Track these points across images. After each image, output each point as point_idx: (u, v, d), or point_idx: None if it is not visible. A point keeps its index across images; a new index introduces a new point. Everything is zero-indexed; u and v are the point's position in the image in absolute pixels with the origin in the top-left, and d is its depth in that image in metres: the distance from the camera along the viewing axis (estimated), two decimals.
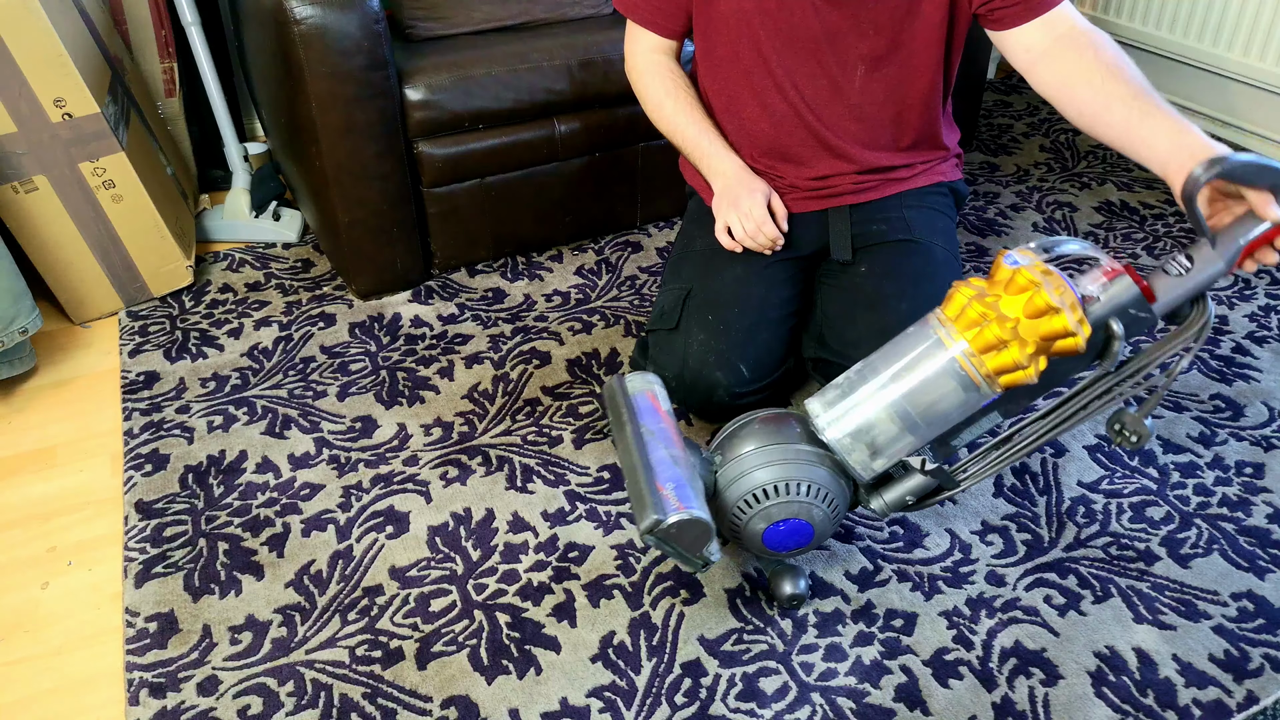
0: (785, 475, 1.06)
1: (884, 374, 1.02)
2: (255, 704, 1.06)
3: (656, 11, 1.35)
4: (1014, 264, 0.96)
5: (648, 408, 1.12)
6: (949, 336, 0.98)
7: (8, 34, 1.48)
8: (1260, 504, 1.29)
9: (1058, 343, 0.95)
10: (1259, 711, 1.04)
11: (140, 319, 1.72)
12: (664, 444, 1.06)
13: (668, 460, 1.04)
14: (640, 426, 1.08)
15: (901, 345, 1.03)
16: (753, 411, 1.14)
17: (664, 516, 0.97)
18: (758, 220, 1.30)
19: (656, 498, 0.98)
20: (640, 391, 1.14)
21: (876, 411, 1.02)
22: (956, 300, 0.99)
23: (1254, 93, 2.15)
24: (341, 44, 1.49)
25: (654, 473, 1.02)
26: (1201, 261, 0.97)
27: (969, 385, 0.98)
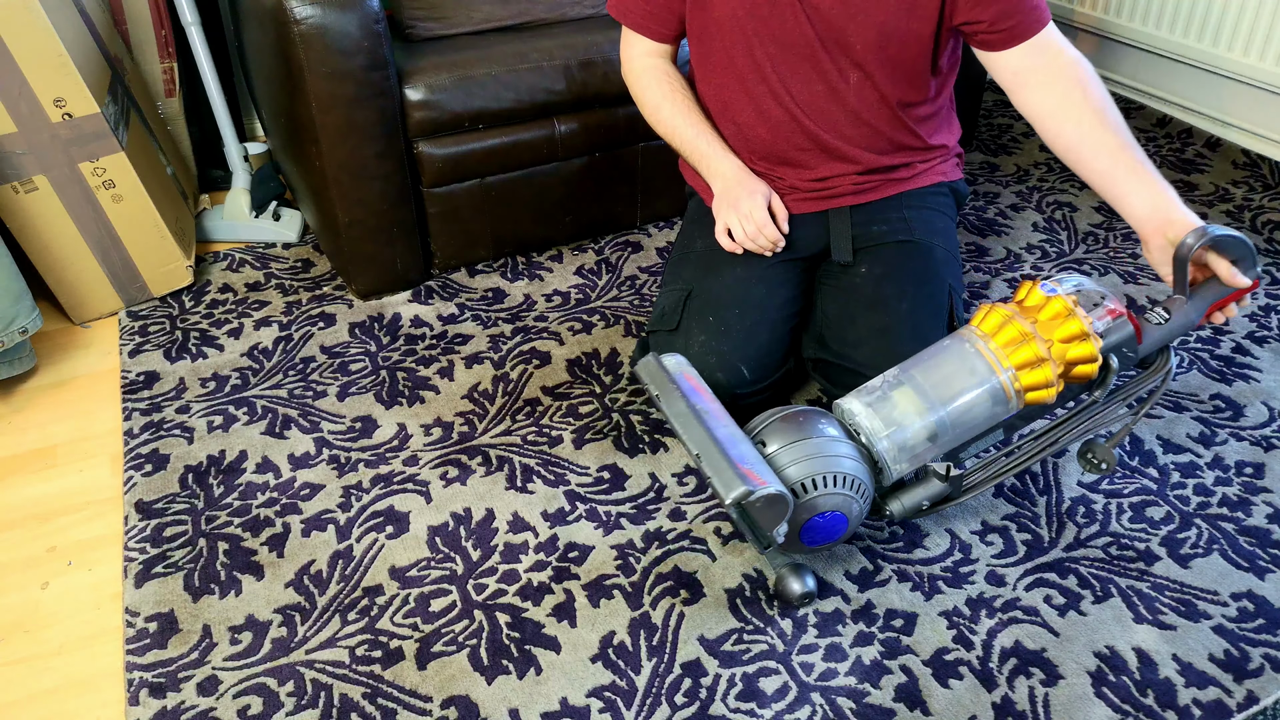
0: (833, 468, 1.07)
1: (920, 382, 1.08)
2: (255, 704, 1.06)
3: (649, 17, 1.35)
4: (1051, 291, 1.07)
5: (691, 388, 1.14)
6: (988, 351, 1.07)
7: (8, 34, 1.48)
8: (1260, 504, 1.29)
9: (1078, 368, 1.07)
10: (1259, 711, 1.04)
11: (140, 319, 1.72)
12: (721, 424, 1.08)
13: (737, 438, 1.06)
14: (695, 405, 1.10)
15: (939, 355, 1.10)
16: (790, 405, 1.15)
17: (754, 489, 0.98)
18: (759, 222, 1.30)
19: (740, 471, 1.00)
20: (680, 373, 1.17)
21: (911, 415, 1.08)
22: (993, 318, 1.08)
23: (1254, 93, 2.15)
24: (341, 44, 1.49)
25: (726, 449, 1.03)
26: (1178, 314, 1.13)
27: (1000, 399, 1.07)
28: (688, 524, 1.27)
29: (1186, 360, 1.56)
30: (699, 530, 1.26)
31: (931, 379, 1.08)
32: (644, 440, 1.41)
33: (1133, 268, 1.80)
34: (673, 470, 1.36)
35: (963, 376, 1.07)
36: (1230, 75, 2.18)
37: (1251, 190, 2.06)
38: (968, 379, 1.07)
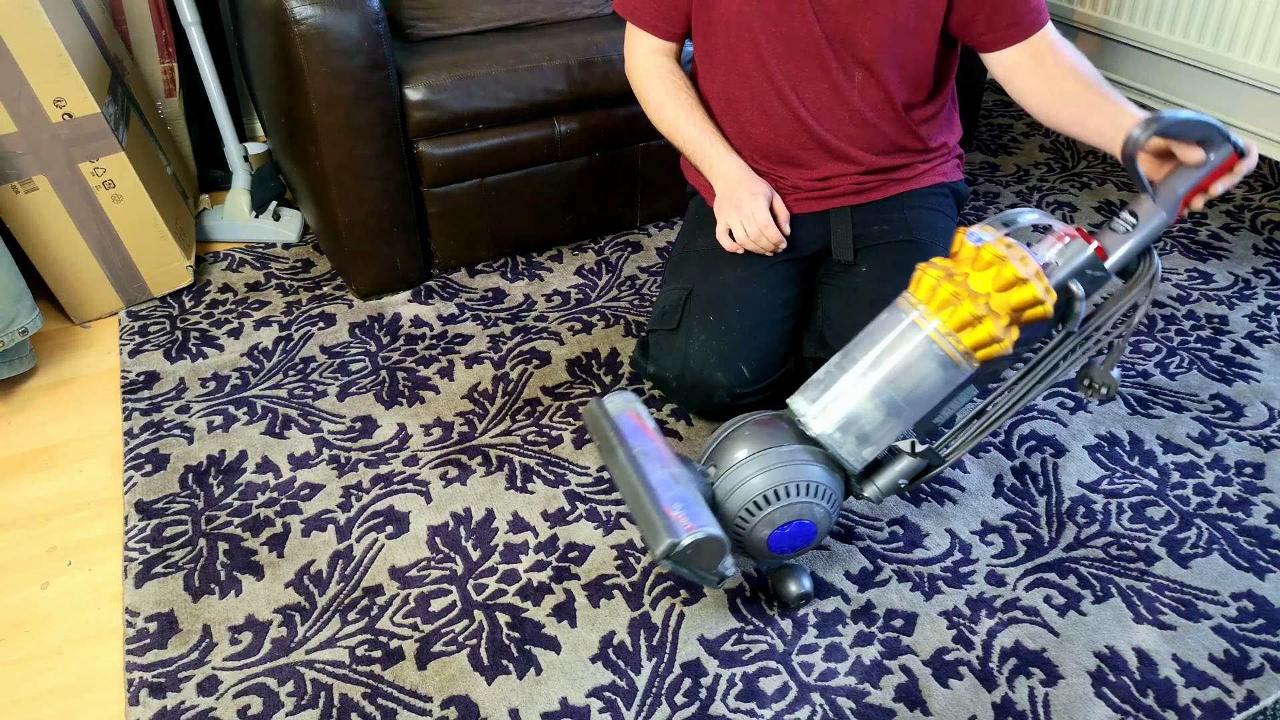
0: (784, 479, 1.05)
1: (863, 363, 1.03)
2: (255, 704, 1.06)
3: (656, 14, 1.35)
4: (978, 241, 0.99)
5: (633, 428, 1.10)
6: (923, 318, 1.00)
7: (8, 34, 1.48)
8: (1260, 504, 1.29)
9: (1028, 312, 0.98)
10: (1259, 711, 1.04)
11: (140, 319, 1.72)
12: (660, 463, 1.05)
13: (668, 480, 1.03)
14: (632, 449, 1.07)
15: (877, 332, 1.04)
16: (740, 417, 1.13)
17: (679, 539, 0.95)
18: (760, 224, 1.30)
19: (667, 520, 0.97)
20: (622, 412, 1.13)
21: (861, 401, 1.03)
22: (925, 282, 1.01)
23: (1254, 93, 2.15)
24: (341, 44, 1.49)
25: (658, 494, 1.01)
26: (1145, 216, 1.04)
27: (948, 364, 1.01)
28: None
29: (1186, 360, 1.56)
30: None
31: (873, 359, 1.03)
32: None
33: None
34: None
35: (904, 351, 1.02)
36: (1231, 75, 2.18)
37: (1251, 190, 2.06)
38: (909, 353, 1.01)
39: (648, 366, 1.42)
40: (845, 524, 1.27)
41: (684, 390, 1.35)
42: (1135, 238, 1.04)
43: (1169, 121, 0.99)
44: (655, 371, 1.40)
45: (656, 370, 1.39)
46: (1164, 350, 1.58)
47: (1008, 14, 1.23)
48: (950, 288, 0.99)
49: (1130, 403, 1.47)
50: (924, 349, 1.01)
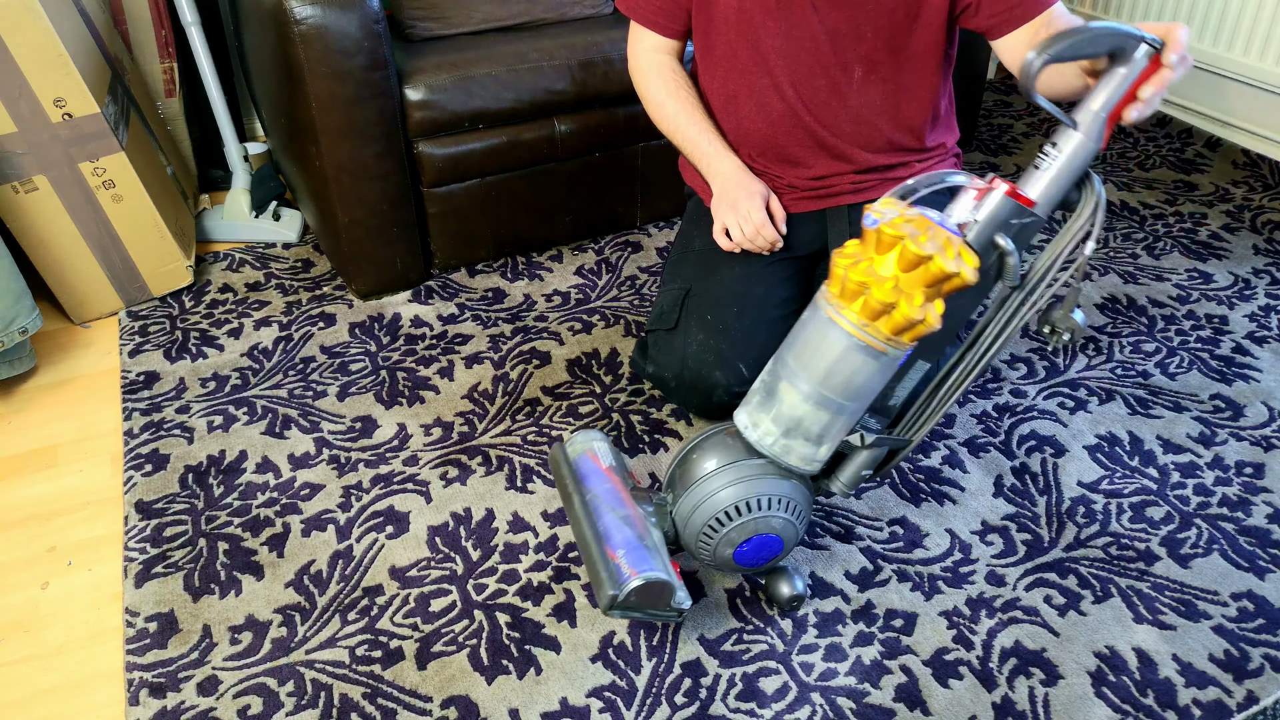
0: (734, 498, 1.05)
1: (793, 367, 1.01)
2: (255, 704, 1.06)
3: (658, 11, 1.35)
4: (873, 223, 0.93)
5: (590, 469, 1.12)
6: (838, 314, 0.96)
7: (8, 34, 1.48)
8: (1260, 504, 1.29)
9: (946, 284, 0.92)
10: (1259, 711, 1.04)
11: (140, 319, 1.72)
12: (611, 505, 1.06)
13: (617, 522, 1.04)
14: (586, 493, 1.09)
15: (801, 334, 1.01)
16: (697, 435, 1.12)
17: (618, 590, 0.97)
18: (756, 224, 1.30)
19: (610, 569, 0.99)
20: (581, 454, 1.14)
21: (797, 406, 1.01)
22: (836, 273, 0.96)
23: (1254, 93, 2.15)
24: (341, 44, 1.49)
25: (603, 541, 1.03)
26: (1068, 145, 0.95)
27: (874, 354, 0.96)
28: None
29: (1186, 360, 1.56)
30: None
31: (802, 361, 0.99)
32: (644, 440, 1.41)
33: (1132, 268, 1.80)
34: None
35: (827, 349, 0.97)
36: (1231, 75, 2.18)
37: (1251, 190, 2.06)
38: (832, 350, 0.97)
39: (647, 366, 1.42)
40: (845, 524, 1.27)
41: (683, 390, 1.35)
42: (1055, 169, 0.96)
43: (1063, 45, 0.90)
44: (654, 371, 1.40)
45: (655, 370, 1.39)
46: (1164, 350, 1.58)
47: None
48: (857, 276, 0.93)
49: (1130, 403, 1.47)
50: (845, 344, 0.96)
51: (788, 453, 1.03)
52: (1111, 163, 2.20)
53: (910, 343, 0.96)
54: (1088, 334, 1.19)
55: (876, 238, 0.92)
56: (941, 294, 0.94)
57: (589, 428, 1.18)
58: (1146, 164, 2.19)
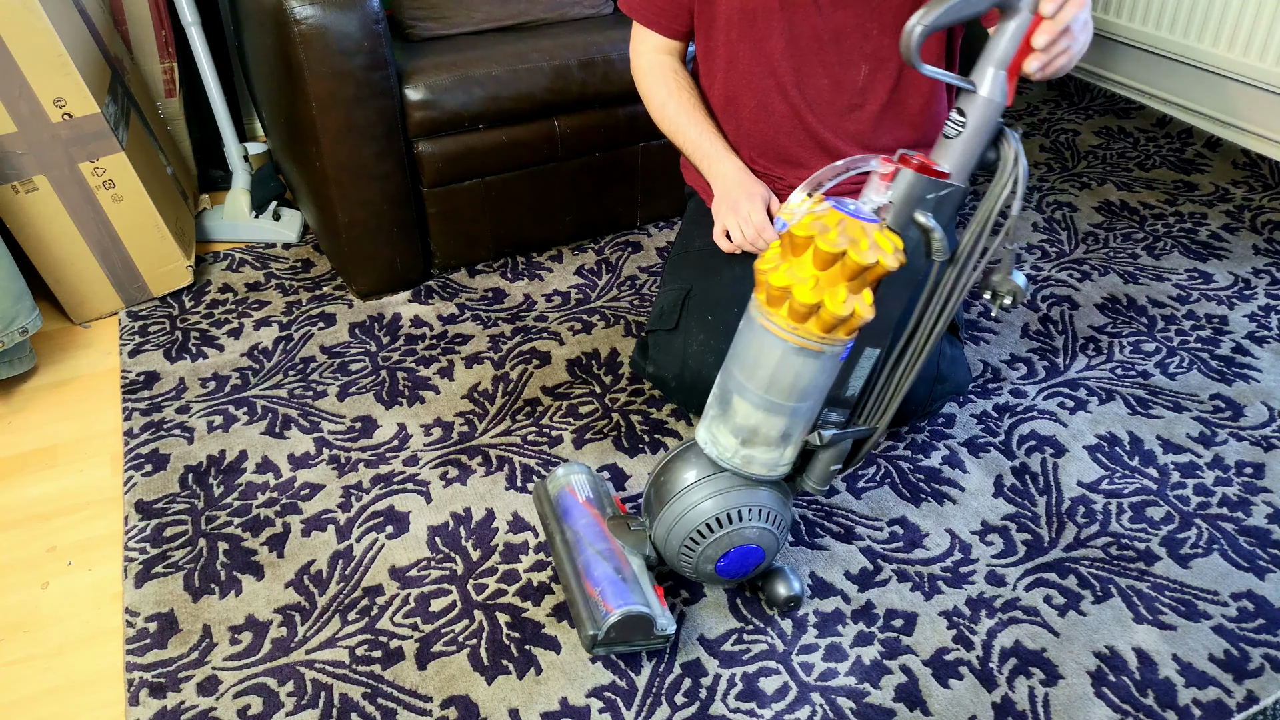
0: (708, 513, 1.05)
1: (739, 379, 1.00)
2: (255, 704, 1.06)
3: (660, 12, 1.35)
4: (782, 227, 0.91)
5: (570, 504, 1.16)
6: (769, 321, 0.95)
7: (8, 34, 1.48)
8: (1260, 504, 1.29)
9: (869, 275, 0.90)
10: (1259, 711, 1.04)
11: (140, 319, 1.72)
12: (590, 540, 1.10)
13: (594, 558, 1.08)
14: (565, 531, 1.13)
15: (739, 346, 1.01)
16: (661, 458, 1.13)
17: (597, 630, 1.02)
18: (757, 225, 1.29)
19: (590, 606, 1.04)
20: (560, 489, 1.18)
21: (751, 415, 1.00)
22: (759, 280, 0.95)
23: (1254, 93, 2.15)
24: (341, 44, 1.49)
25: (582, 578, 1.07)
26: (972, 107, 0.93)
27: (813, 354, 0.95)
28: None
29: (1186, 360, 1.56)
30: None
31: (746, 371, 0.99)
32: (644, 440, 1.41)
33: (1132, 268, 1.80)
34: None
35: (766, 357, 0.97)
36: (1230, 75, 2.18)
37: (1251, 190, 2.06)
38: (770, 357, 0.96)
39: (647, 366, 1.42)
40: (845, 524, 1.27)
41: (683, 390, 1.35)
42: (964, 134, 0.93)
43: (941, 10, 0.87)
44: (654, 371, 1.40)
45: (655, 370, 1.39)
46: (1164, 350, 1.58)
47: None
48: (778, 281, 0.92)
49: (1130, 403, 1.47)
50: (781, 350, 0.95)
51: (750, 463, 1.03)
52: (1111, 163, 2.20)
53: (848, 336, 0.95)
54: (1028, 296, 1.16)
55: (790, 240, 0.91)
56: (867, 284, 0.92)
57: (569, 461, 1.21)
58: (1146, 164, 2.19)
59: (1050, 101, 2.53)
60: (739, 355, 1.01)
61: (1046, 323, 1.65)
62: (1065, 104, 2.51)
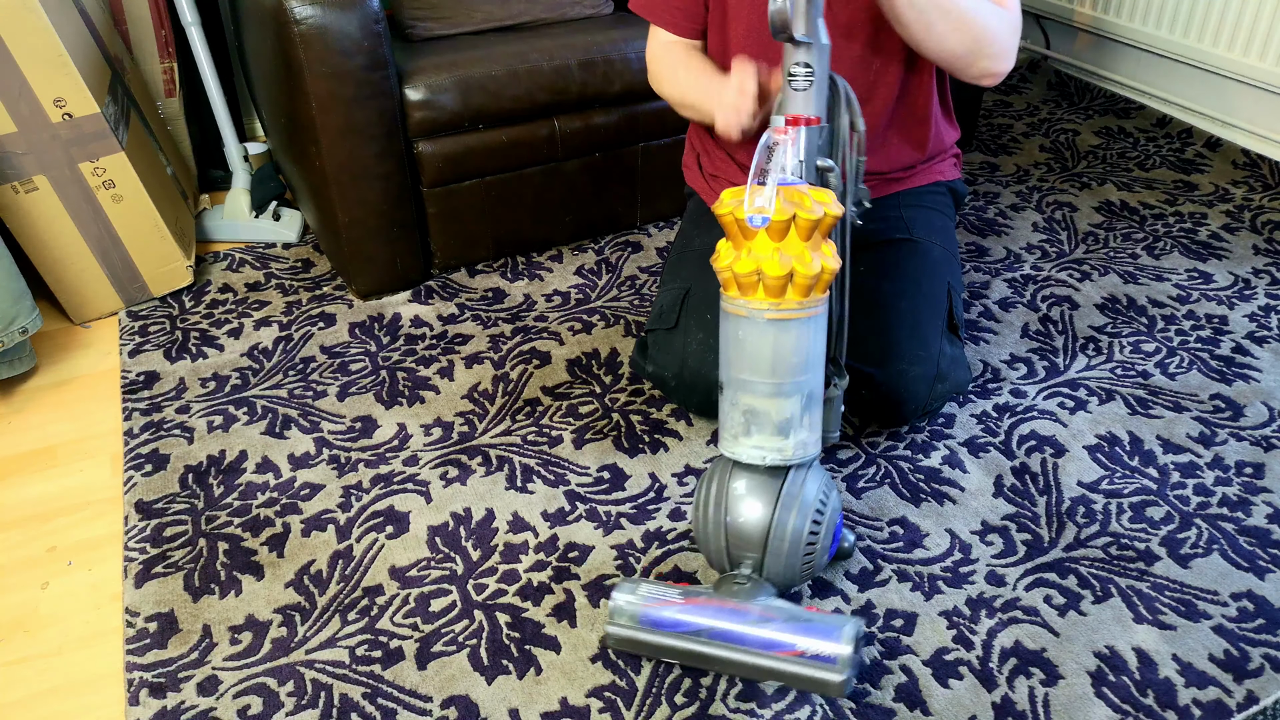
0: (807, 519, 1.04)
1: (745, 379, 1.02)
2: (255, 704, 1.06)
3: (676, 10, 1.34)
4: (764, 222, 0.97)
5: (666, 613, 1.05)
6: (748, 309, 0.99)
7: (8, 34, 1.48)
8: (1260, 504, 1.29)
9: (821, 227, 0.98)
10: (1259, 711, 1.04)
11: (140, 319, 1.72)
12: (730, 621, 1.02)
13: (754, 632, 1.01)
14: (697, 635, 1.03)
15: (731, 350, 1.03)
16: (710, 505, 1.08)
17: (849, 671, 0.99)
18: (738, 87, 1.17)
19: (813, 665, 0.99)
20: (641, 612, 1.06)
21: (775, 405, 1.02)
22: (724, 278, 1.01)
23: (1254, 93, 2.15)
24: (341, 44, 1.49)
25: (773, 653, 1.01)
26: (817, 58, 1.03)
27: (803, 322, 1.00)
28: (687, 524, 1.27)
29: (1186, 360, 1.56)
30: None
31: (749, 368, 1.01)
32: (644, 440, 1.41)
33: (1132, 268, 1.80)
34: (673, 470, 1.36)
35: (762, 345, 1.00)
36: (1230, 75, 2.18)
37: (1251, 190, 2.06)
38: (765, 342, 1.00)
39: (646, 366, 1.42)
40: (845, 524, 1.27)
41: (682, 389, 1.36)
42: (817, 79, 1.03)
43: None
44: (654, 371, 1.40)
45: (655, 369, 1.39)
46: (1164, 350, 1.58)
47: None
48: (745, 267, 0.97)
49: (1130, 403, 1.47)
50: (773, 330, 0.99)
51: (806, 447, 1.05)
52: (1111, 163, 2.20)
53: (824, 293, 1.01)
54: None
55: (739, 228, 0.98)
56: (824, 237, 1.00)
57: (611, 600, 1.08)
58: (1146, 164, 2.19)
59: (1050, 101, 2.54)
60: (735, 360, 1.02)
61: (1046, 323, 1.65)
62: (1065, 104, 2.51)
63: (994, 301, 1.71)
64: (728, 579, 1.07)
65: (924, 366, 1.28)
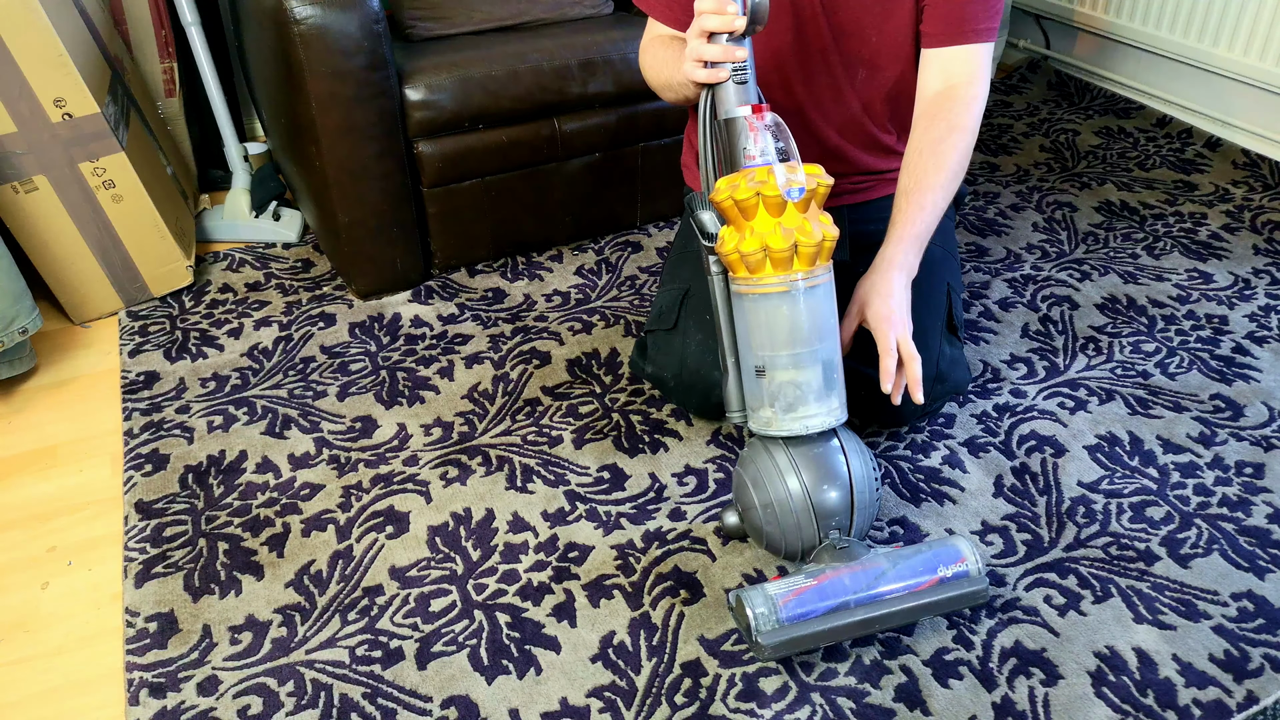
0: (869, 468, 1.11)
1: (770, 355, 1.07)
2: (255, 704, 1.06)
3: (675, 5, 1.34)
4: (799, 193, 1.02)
5: (807, 599, 1.04)
6: (760, 286, 1.05)
7: (8, 34, 1.48)
8: (1260, 504, 1.29)
9: (814, 198, 1.06)
10: (1259, 711, 1.04)
11: (140, 319, 1.72)
12: (866, 580, 1.05)
13: (886, 570, 1.06)
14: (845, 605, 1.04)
15: (749, 331, 1.08)
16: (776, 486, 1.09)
17: (987, 578, 1.07)
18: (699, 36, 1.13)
19: (957, 585, 1.06)
20: (784, 602, 1.04)
21: (803, 374, 1.06)
22: (730, 260, 1.06)
23: (1254, 93, 2.15)
24: (341, 44, 1.49)
25: (919, 583, 1.06)
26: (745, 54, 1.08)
27: (814, 289, 1.05)
28: (688, 524, 1.27)
29: (1186, 360, 1.56)
30: (699, 530, 1.26)
31: (771, 344, 1.06)
32: (644, 440, 1.41)
33: (1132, 268, 1.80)
34: (673, 470, 1.36)
35: (779, 319, 1.05)
36: (1230, 75, 2.18)
37: (1251, 190, 2.06)
38: (782, 316, 1.05)
39: (646, 366, 1.42)
40: None
41: (682, 389, 1.36)
42: (751, 71, 1.08)
43: None
44: (653, 371, 1.40)
45: (654, 370, 1.39)
46: (1164, 350, 1.58)
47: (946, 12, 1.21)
48: (752, 246, 1.02)
49: (1130, 403, 1.47)
50: (789, 303, 1.04)
51: (842, 407, 1.09)
52: (1111, 163, 2.20)
53: (827, 261, 1.06)
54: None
55: (737, 209, 1.03)
56: (820, 206, 1.05)
57: (743, 589, 1.06)
58: (1146, 164, 2.19)
59: (1050, 101, 2.54)
60: (757, 339, 1.07)
61: (1046, 323, 1.65)
62: (1065, 104, 2.51)
63: (994, 301, 1.71)
64: (826, 548, 1.09)
65: (924, 367, 1.28)
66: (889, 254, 1.19)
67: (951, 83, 1.23)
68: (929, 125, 1.22)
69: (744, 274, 1.05)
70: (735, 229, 1.05)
